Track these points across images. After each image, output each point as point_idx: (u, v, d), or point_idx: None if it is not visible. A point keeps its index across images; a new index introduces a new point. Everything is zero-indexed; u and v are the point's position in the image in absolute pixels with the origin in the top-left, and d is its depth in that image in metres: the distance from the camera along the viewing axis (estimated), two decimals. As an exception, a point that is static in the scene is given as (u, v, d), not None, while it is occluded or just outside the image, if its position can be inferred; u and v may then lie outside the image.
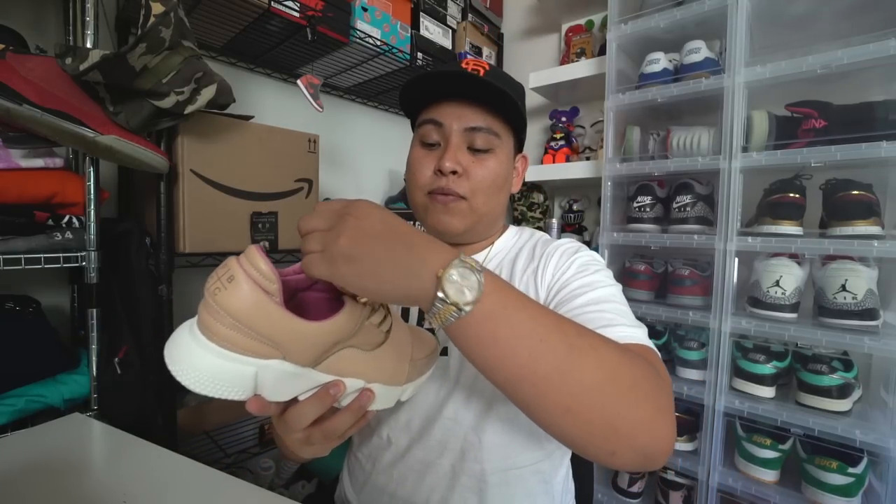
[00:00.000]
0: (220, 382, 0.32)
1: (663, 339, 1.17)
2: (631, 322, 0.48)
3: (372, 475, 0.61)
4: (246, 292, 0.31)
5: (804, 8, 1.00)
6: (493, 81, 0.55)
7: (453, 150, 0.58)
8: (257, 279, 0.31)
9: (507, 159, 0.62)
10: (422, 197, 0.61)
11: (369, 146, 1.63)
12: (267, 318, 0.31)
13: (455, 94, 0.59)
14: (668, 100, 1.07)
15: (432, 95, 0.60)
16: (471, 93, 0.58)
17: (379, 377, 0.40)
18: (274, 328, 0.32)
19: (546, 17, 1.65)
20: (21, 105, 0.66)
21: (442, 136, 0.60)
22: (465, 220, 0.60)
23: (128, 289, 0.88)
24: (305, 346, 0.34)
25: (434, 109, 0.60)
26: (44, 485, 0.48)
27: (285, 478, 1.26)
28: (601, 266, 0.58)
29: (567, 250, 0.60)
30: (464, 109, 0.58)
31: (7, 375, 0.75)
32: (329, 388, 0.36)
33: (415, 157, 0.63)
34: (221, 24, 1.06)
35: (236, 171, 0.95)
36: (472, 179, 0.58)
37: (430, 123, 0.60)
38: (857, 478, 0.84)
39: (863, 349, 0.83)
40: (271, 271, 0.31)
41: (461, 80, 0.57)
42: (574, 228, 1.50)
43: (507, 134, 0.62)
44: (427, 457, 0.58)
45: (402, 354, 0.42)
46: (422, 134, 0.62)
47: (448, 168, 0.57)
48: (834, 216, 0.91)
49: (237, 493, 0.49)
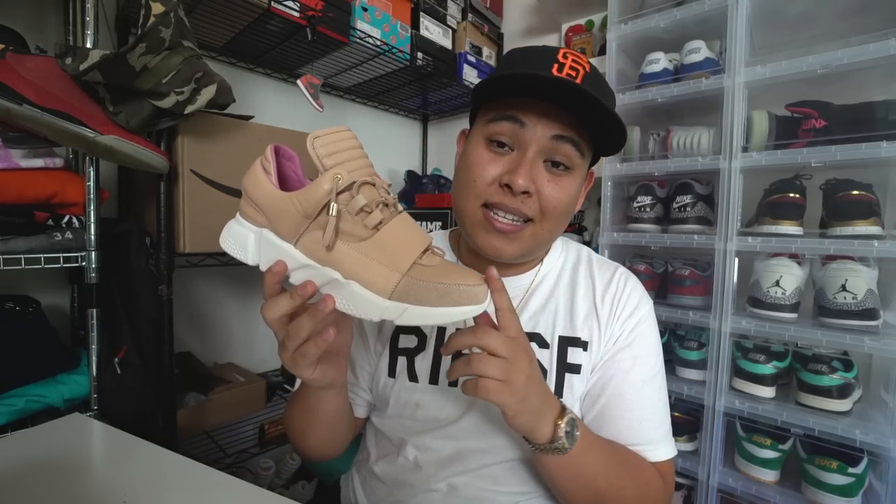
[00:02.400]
0: (234, 243, 0.42)
1: (663, 340, 1.16)
2: (662, 431, 0.57)
3: (393, 493, 0.59)
4: (252, 172, 0.41)
5: (804, 8, 1.00)
6: (593, 90, 0.46)
7: (529, 163, 0.49)
8: (263, 162, 0.41)
9: (582, 178, 0.54)
10: (475, 208, 0.52)
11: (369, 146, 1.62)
12: (257, 187, 0.40)
13: (548, 98, 0.49)
14: (668, 100, 1.07)
15: (519, 91, 0.50)
16: (569, 102, 0.48)
17: (356, 275, 0.38)
18: (262, 195, 0.40)
19: (546, 17, 1.65)
20: (21, 105, 0.66)
21: (518, 140, 0.50)
22: (523, 247, 0.53)
23: (128, 289, 0.88)
24: (279, 215, 0.39)
25: (515, 105, 0.50)
26: (44, 485, 0.48)
27: (285, 478, 1.26)
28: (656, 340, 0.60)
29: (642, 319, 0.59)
30: (553, 114, 0.49)
31: (7, 375, 0.75)
32: (300, 287, 0.38)
33: (477, 159, 0.52)
34: (221, 24, 1.06)
35: (236, 171, 0.95)
36: (544, 200, 0.50)
37: (509, 121, 0.50)
38: (857, 478, 0.84)
39: (863, 349, 0.83)
40: (270, 154, 0.41)
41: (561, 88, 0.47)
42: (574, 228, 1.50)
43: (588, 151, 0.53)
44: (455, 482, 0.55)
45: (390, 259, 0.38)
46: (492, 130, 0.51)
47: (521, 186, 0.48)
48: (834, 216, 0.91)
49: (237, 493, 0.49)
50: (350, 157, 0.39)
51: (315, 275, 0.39)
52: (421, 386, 0.60)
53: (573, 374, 0.57)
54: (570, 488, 0.49)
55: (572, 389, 0.56)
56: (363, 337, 0.66)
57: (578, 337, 0.58)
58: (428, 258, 0.40)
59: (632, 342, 0.57)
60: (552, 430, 0.44)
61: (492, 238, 0.52)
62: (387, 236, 0.38)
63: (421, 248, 0.39)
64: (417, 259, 0.39)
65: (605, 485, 0.49)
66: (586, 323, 0.59)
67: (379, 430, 0.64)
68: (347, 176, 0.37)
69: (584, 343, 0.58)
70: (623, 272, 0.63)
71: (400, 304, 0.37)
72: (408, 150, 1.84)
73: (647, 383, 0.57)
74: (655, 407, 0.57)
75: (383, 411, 0.63)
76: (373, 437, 0.65)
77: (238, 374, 1.19)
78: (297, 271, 0.39)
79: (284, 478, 1.26)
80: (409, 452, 0.58)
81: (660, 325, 1.17)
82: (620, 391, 0.56)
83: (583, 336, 0.58)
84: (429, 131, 1.89)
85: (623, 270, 0.63)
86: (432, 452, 0.57)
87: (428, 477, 0.56)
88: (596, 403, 0.57)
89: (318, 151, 0.38)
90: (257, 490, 0.49)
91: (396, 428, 0.61)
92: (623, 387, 0.56)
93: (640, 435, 0.55)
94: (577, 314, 0.59)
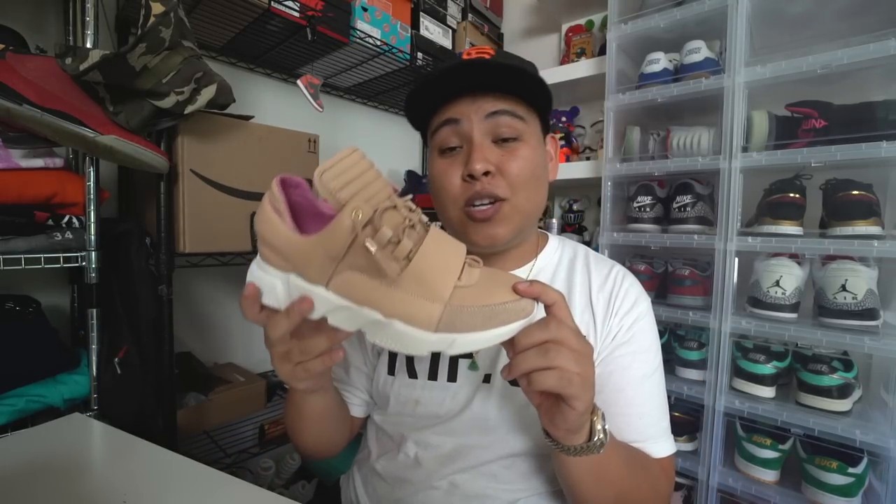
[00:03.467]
0: (265, 291, 0.38)
1: (663, 340, 1.17)
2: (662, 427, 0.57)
3: (395, 490, 0.59)
4: (263, 214, 0.37)
5: (804, 8, 1.00)
6: (504, 61, 0.50)
7: (479, 147, 0.52)
8: (272, 202, 0.37)
9: (538, 144, 0.56)
10: (456, 212, 0.55)
11: (369, 146, 1.63)
12: (275, 233, 0.36)
13: (466, 88, 0.53)
14: (668, 100, 1.07)
15: (440, 98, 0.55)
16: (484, 80, 0.52)
17: (396, 312, 0.35)
18: (281, 242, 0.36)
19: (546, 17, 1.65)
20: (21, 105, 0.66)
21: (461, 136, 0.54)
22: (511, 226, 0.54)
23: (128, 289, 0.88)
24: (304, 260, 0.36)
25: (445, 110, 0.54)
26: (44, 485, 0.48)
27: (285, 478, 1.26)
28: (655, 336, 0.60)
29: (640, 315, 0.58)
30: (479, 99, 0.53)
31: (7, 375, 0.75)
32: (297, 303, 0.37)
33: (437, 170, 0.56)
34: (221, 24, 1.06)
35: (236, 171, 0.95)
36: (509, 176, 0.53)
37: (445, 125, 0.54)
38: (857, 478, 0.84)
39: (863, 349, 0.83)
40: (279, 193, 0.37)
41: (467, 70, 0.51)
42: (574, 228, 1.50)
43: (532, 116, 0.56)
44: (456, 480, 0.56)
45: (429, 290, 0.35)
46: (439, 141, 0.55)
47: (479, 170, 0.51)
48: (834, 216, 0.91)
49: (237, 493, 0.49)
50: (364, 182, 0.36)
51: (353, 316, 0.37)
52: (420, 382, 0.60)
53: None
54: (594, 491, 0.48)
55: None
56: (360, 338, 0.66)
57: None
58: (466, 276, 0.37)
59: (630, 338, 0.57)
60: (589, 427, 0.44)
61: (480, 229, 0.54)
62: (421, 264, 0.35)
63: (458, 267, 0.37)
64: (457, 282, 0.36)
65: (627, 485, 0.49)
66: (582, 318, 0.58)
67: (380, 428, 0.64)
68: (367, 206, 0.34)
69: None
70: (620, 269, 0.63)
71: (448, 335, 0.35)
72: (408, 150, 1.84)
73: (646, 379, 0.57)
74: (655, 403, 0.57)
75: (384, 409, 0.63)
76: (374, 435, 0.65)
77: (238, 374, 1.18)
78: (333, 313, 0.37)
79: (284, 478, 1.26)
80: (410, 449, 0.59)
81: (660, 325, 1.17)
82: (620, 387, 0.56)
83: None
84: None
85: (620, 268, 0.63)
86: (432, 449, 0.58)
87: (429, 474, 0.57)
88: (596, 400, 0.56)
89: (329, 187, 0.34)
90: (257, 490, 0.49)
91: (397, 425, 0.61)
92: (622, 383, 0.56)
93: (641, 431, 0.55)
94: (574, 309, 0.59)
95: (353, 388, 0.66)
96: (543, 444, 0.55)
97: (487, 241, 0.55)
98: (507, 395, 0.57)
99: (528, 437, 0.56)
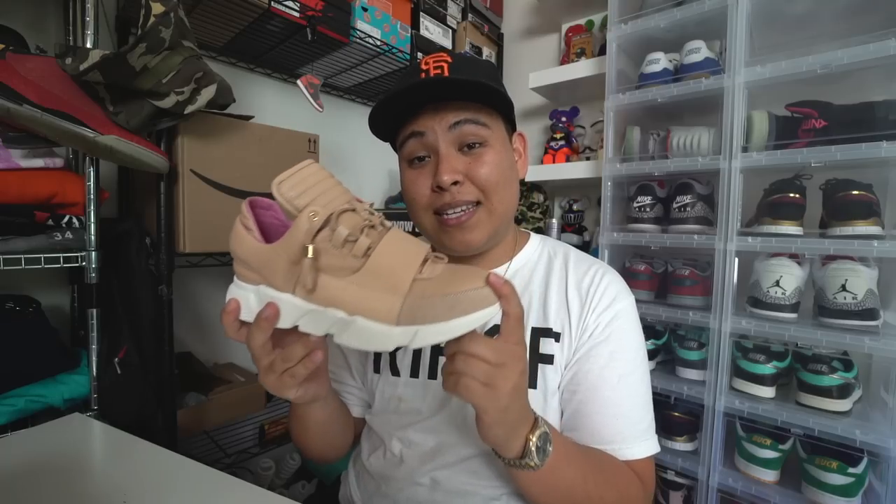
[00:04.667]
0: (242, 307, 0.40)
1: (663, 340, 1.17)
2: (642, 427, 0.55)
3: (382, 487, 0.60)
4: (235, 232, 0.40)
5: (804, 8, 1.00)
6: (459, 76, 0.52)
7: (445, 158, 0.54)
8: (242, 220, 0.40)
9: (503, 147, 0.58)
10: (429, 218, 0.57)
11: (369, 146, 1.63)
12: (242, 246, 0.39)
13: (427, 101, 0.55)
14: (668, 100, 1.07)
15: (403, 114, 0.56)
16: (441, 92, 0.54)
17: (359, 309, 0.36)
18: (249, 254, 0.39)
19: (546, 16, 1.65)
20: (21, 105, 0.66)
21: (427, 147, 0.56)
22: (485, 230, 0.56)
23: (128, 289, 0.88)
24: (269, 268, 0.38)
25: (410, 123, 0.56)
26: (44, 485, 0.48)
27: (285, 478, 1.26)
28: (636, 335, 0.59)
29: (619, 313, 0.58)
30: (441, 111, 0.54)
31: (7, 375, 0.75)
32: (262, 312, 0.38)
33: (408, 180, 0.58)
34: (221, 24, 1.06)
35: (236, 171, 0.95)
36: (478, 181, 0.54)
37: (411, 138, 0.56)
38: (857, 478, 0.84)
39: (863, 349, 0.83)
40: (247, 211, 0.40)
41: (424, 86, 0.52)
42: (574, 228, 1.50)
43: (495, 120, 0.58)
44: (438, 476, 0.56)
45: (388, 283, 0.36)
46: (406, 153, 0.58)
47: (446, 181, 0.53)
48: (834, 216, 0.91)
49: (237, 493, 0.49)
50: (321, 190, 0.37)
51: (320, 318, 0.37)
52: (403, 380, 0.62)
53: (546, 364, 0.57)
54: (543, 499, 0.48)
55: (545, 379, 0.57)
56: None
57: (550, 328, 0.58)
58: (428, 269, 0.37)
59: (608, 336, 0.56)
60: (523, 444, 0.43)
61: (453, 235, 0.56)
62: (379, 259, 0.36)
63: (417, 261, 0.37)
64: (417, 274, 0.37)
65: (583, 496, 0.48)
66: (558, 314, 0.59)
67: (370, 427, 0.65)
68: (323, 210, 0.36)
69: (557, 334, 0.58)
70: (600, 266, 0.62)
71: (409, 327, 0.35)
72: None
73: (623, 378, 0.55)
74: (635, 403, 0.56)
75: (371, 407, 0.65)
76: (366, 433, 0.67)
77: (238, 374, 1.19)
78: (303, 318, 0.38)
79: (284, 478, 1.26)
80: (395, 447, 0.60)
81: (660, 325, 1.18)
82: (595, 386, 0.55)
83: (555, 327, 0.58)
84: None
85: (602, 265, 0.63)
86: (415, 446, 0.59)
87: (412, 471, 0.58)
88: (573, 398, 0.56)
89: (285, 196, 0.36)
90: (257, 490, 0.49)
91: (383, 423, 0.63)
92: (598, 382, 0.55)
93: (617, 431, 0.54)
94: (550, 306, 0.59)
95: (353, 388, 0.67)
96: None
97: (462, 246, 0.56)
98: None
99: None
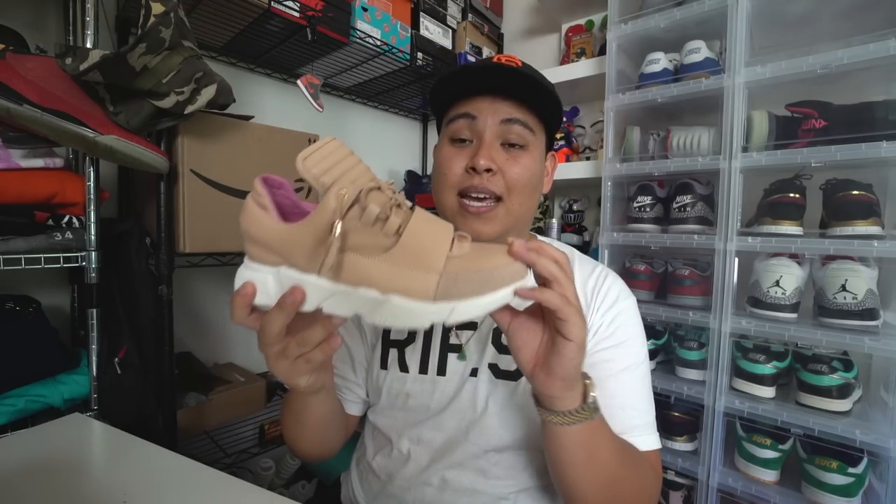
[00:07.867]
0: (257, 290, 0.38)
1: (663, 340, 1.17)
2: (646, 420, 0.57)
3: (388, 487, 0.60)
4: (248, 212, 0.37)
5: (804, 8, 1.00)
6: (530, 73, 0.54)
7: (487, 145, 0.55)
8: (256, 199, 0.38)
9: (540, 158, 0.60)
10: (452, 198, 0.58)
11: (369, 146, 1.63)
12: (261, 227, 0.37)
13: (489, 89, 0.56)
14: (668, 100, 1.07)
15: (464, 92, 0.58)
16: (507, 86, 0.56)
17: (392, 287, 0.35)
18: (269, 235, 0.37)
19: (546, 17, 1.65)
20: (21, 105, 0.66)
21: (474, 131, 0.57)
22: (499, 225, 0.57)
23: (128, 289, 0.88)
24: (292, 249, 0.36)
25: (466, 104, 0.57)
26: (44, 485, 0.48)
27: (285, 478, 1.26)
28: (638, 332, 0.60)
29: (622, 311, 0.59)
30: (498, 103, 0.56)
31: (7, 375, 0.75)
32: (288, 295, 0.36)
33: (444, 155, 0.59)
34: (221, 24, 1.06)
35: (236, 171, 0.95)
36: (508, 178, 0.56)
37: (463, 118, 0.57)
38: (857, 478, 0.84)
39: (863, 349, 0.83)
40: (262, 189, 0.38)
41: (497, 73, 0.55)
42: (574, 228, 1.50)
43: (541, 131, 0.60)
44: (447, 475, 0.57)
45: (419, 262, 0.36)
46: (452, 130, 0.59)
47: (483, 165, 0.54)
48: (834, 216, 0.91)
49: (237, 493, 0.49)
50: (347, 167, 0.37)
51: (348, 299, 0.36)
52: (411, 376, 0.62)
53: None
54: (586, 473, 0.47)
55: None
56: (359, 329, 0.67)
57: None
58: (457, 248, 0.37)
59: (612, 333, 0.58)
60: (583, 391, 0.43)
61: (469, 222, 0.57)
62: (412, 238, 0.36)
63: (448, 239, 0.38)
64: (448, 252, 0.37)
65: (617, 472, 0.48)
66: None
67: (375, 425, 0.65)
68: (352, 188, 0.35)
69: None
70: (603, 269, 0.65)
71: (446, 303, 0.35)
72: (408, 150, 1.84)
73: (628, 371, 0.57)
74: (639, 395, 0.57)
75: (377, 404, 0.65)
76: (370, 433, 0.67)
77: (238, 374, 1.19)
78: (329, 300, 0.37)
79: (284, 478, 1.26)
80: (403, 445, 0.60)
81: (660, 325, 1.18)
82: (601, 378, 0.55)
83: None
84: (429, 131, 1.89)
85: (604, 268, 0.65)
86: (424, 444, 0.59)
87: (421, 470, 0.58)
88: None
89: (312, 172, 0.35)
90: (257, 490, 0.49)
91: (390, 420, 0.63)
92: (603, 375, 0.55)
93: (624, 422, 0.54)
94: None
95: (353, 384, 0.67)
96: (531, 436, 0.56)
97: (472, 234, 0.56)
98: (494, 388, 0.58)
99: (515, 429, 0.56)
